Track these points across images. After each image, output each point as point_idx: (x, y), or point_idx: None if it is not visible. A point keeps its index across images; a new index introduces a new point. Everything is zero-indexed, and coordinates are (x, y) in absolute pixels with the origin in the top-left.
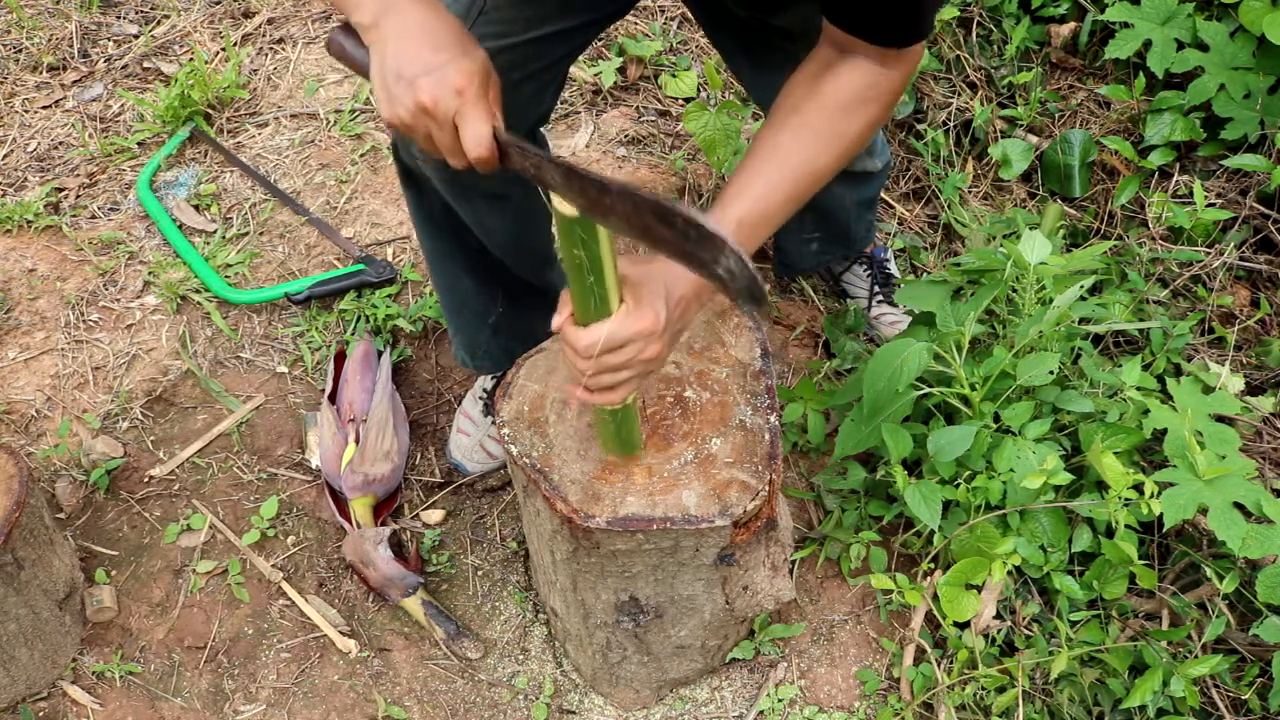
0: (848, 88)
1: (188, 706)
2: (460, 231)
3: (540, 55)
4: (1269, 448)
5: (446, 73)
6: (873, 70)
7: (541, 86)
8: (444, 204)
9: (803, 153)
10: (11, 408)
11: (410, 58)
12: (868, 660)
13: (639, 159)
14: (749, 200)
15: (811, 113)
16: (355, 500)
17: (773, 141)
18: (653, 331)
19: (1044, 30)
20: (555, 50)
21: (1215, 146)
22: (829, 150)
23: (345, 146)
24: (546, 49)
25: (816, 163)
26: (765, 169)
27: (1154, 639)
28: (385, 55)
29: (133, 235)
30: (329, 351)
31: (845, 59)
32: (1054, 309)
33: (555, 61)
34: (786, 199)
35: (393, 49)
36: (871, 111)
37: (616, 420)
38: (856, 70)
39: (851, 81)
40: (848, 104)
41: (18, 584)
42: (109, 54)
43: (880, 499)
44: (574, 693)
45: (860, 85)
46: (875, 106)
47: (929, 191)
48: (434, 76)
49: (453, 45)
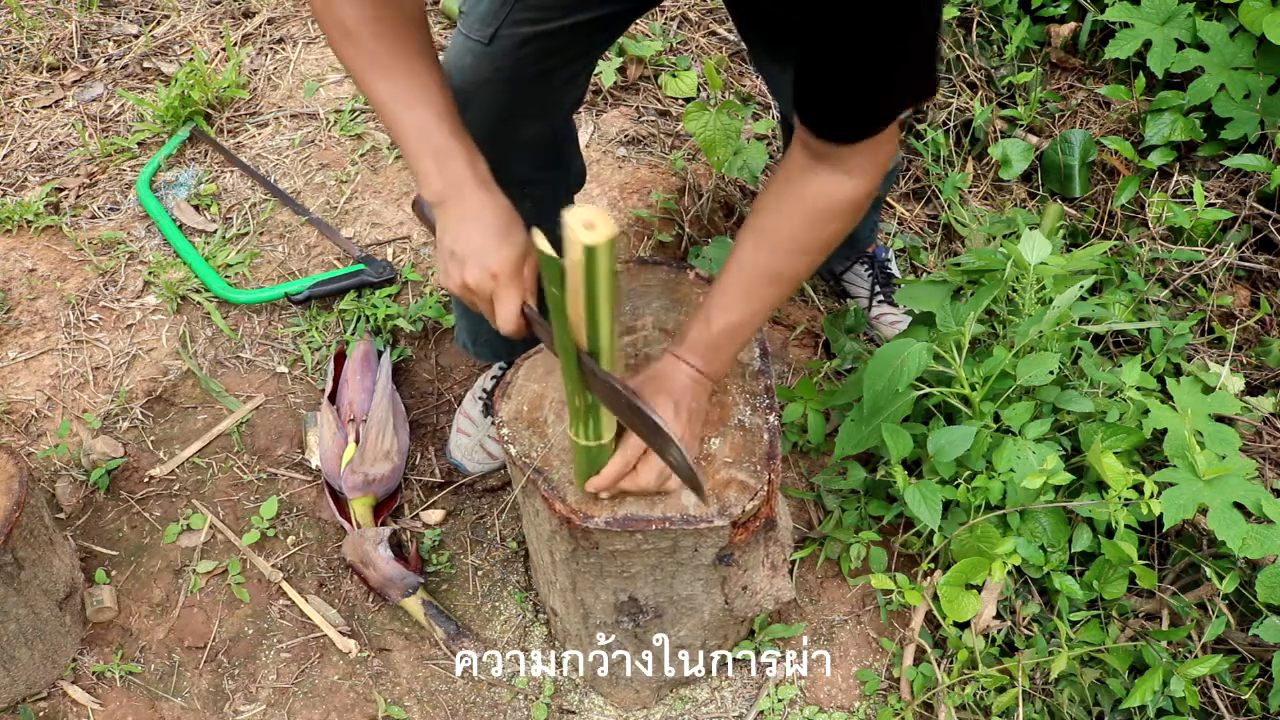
0: (817, 203)
1: (188, 706)
2: None
3: (575, 42)
4: (1269, 448)
5: (488, 259)
6: (842, 184)
7: (575, 73)
8: None
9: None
10: (11, 408)
11: (463, 240)
12: (868, 660)
13: (639, 159)
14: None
15: (783, 226)
16: (355, 500)
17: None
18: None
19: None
20: (590, 38)
21: (1215, 146)
22: (801, 260)
23: (345, 146)
24: (582, 36)
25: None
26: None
27: (1154, 639)
28: (445, 233)
29: (133, 235)
30: (329, 351)
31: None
32: (1054, 309)
33: (590, 49)
34: (763, 304)
35: (452, 229)
36: (844, 221)
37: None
38: (826, 184)
39: (820, 198)
40: (819, 217)
41: (18, 584)
42: (109, 54)
43: (880, 499)
44: (574, 693)
45: (829, 200)
46: (848, 215)
47: (929, 191)
48: (477, 260)
49: (499, 233)
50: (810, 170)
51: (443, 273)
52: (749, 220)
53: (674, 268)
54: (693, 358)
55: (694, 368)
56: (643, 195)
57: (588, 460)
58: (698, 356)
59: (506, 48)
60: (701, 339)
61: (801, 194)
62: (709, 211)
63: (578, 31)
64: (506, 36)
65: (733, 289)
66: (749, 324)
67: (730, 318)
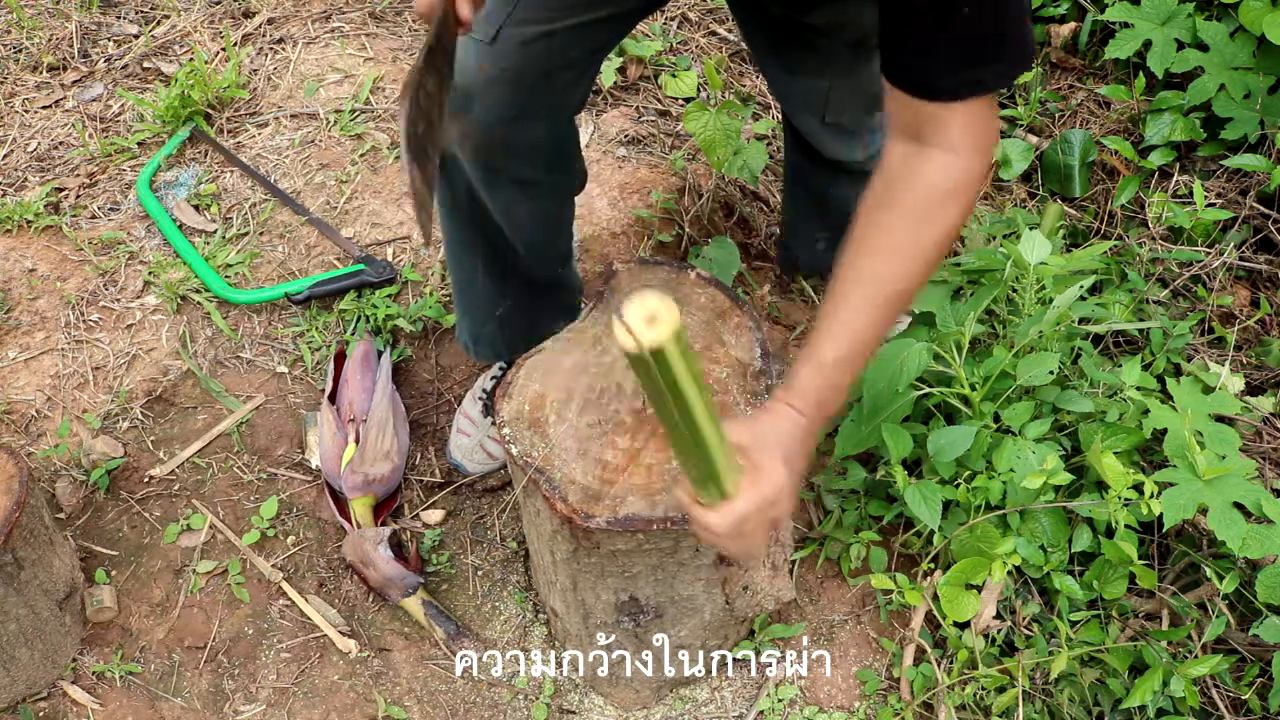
0: (925, 191)
1: (188, 706)
2: (483, 223)
3: (579, 43)
4: (1269, 448)
5: None
6: (947, 164)
7: (579, 74)
8: (470, 192)
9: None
10: (11, 408)
11: None
12: (868, 660)
13: (639, 159)
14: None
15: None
16: (355, 500)
17: (856, 267)
18: (779, 495)
19: (1044, 30)
20: (596, 38)
21: (1215, 146)
22: (911, 267)
23: (345, 146)
24: (586, 36)
25: (903, 283)
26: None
27: (1154, 639)
28: None
29: (133, 235)
30: (329, 351)
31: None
32: (1054, 309)
33: (595, 49)
34: (877, 324)
35: None
36: (952, 213)
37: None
38: (930, 169)
39: (927, 188)
40: (927, 209)
41: (18, 584)
42: (109, 54)
43: (880, 499)
44: (574, 693)
45: (938, 183)
46: (958, 204)
47: None
48: None
49: None
50: (912, 158)
51: None
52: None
53: (674, 268)
54: (804, 404)
55: (805, 415)
56: (643, 195)
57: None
58: (810, 403)
59: (510, 47)
60: (815, 381)
61: (907, 186)
62: (709, 211)
63: (582, 31)
64: (510, 36)
65: (846, 314)
66: (865, 350)
67: (844, 349)
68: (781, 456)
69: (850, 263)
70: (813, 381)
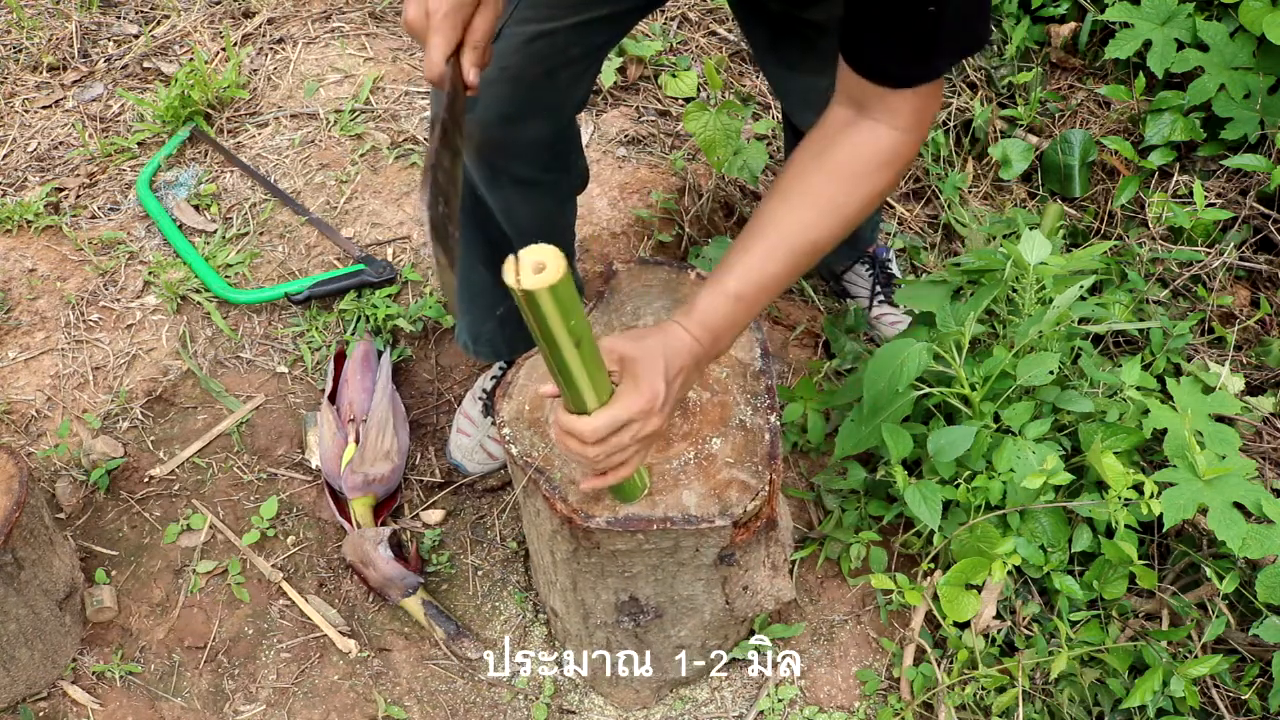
0: (857, 156)
1: (188, 706)
2: (484, 222)
3: (581, 41)
4: (1269, 448)
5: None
6: (885, 134)
7: (581, 72)
8: (471, 190)
9: (803, 225)
10: (11, 408)
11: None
12: (868, 660)
13: (639, 159)
14: (745, 272)
15: (816, 184)
16: (355, 500)
17: (774, 212)
18: (651, 409)
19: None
20: (597, 36)
21: (1215, 146)
22: (830, 223)
23: (345, 146)
24: (588, 35)
25: (816, 235)
26: (764, 241)
27: (1154, 639)
28: None
29: (133, 235)
30: (329, 351)
31: (858, 121)
32: (1054, 309)
33: (596, 48)
34: (784, 271)
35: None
36: (880, 180)
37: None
38: (868, 134)
39: (861, 149)
40: (859, 172)
41: (18, 584)
42: (109, 54)
43: (880, 499)
44: (574, 693)
45: (873, 150)
46: (885, 174)
47: (929, 191)
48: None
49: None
50: (851, 125)
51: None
52: (777, 184)
53: (674, 268)
54: (700, 330)
55: (697, 340)
56: (643, 195)
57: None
58: (706, 330)
59: (511, 46)
60: (714, 310)
61: (843, 147)
62: (709, 211)
63: (582, 30)
64: (511, 35)
65: (760, 255)
66: (768, 293)
67: (749, 288)
68: (663, 372)
69: (774, 208)
70: (713, 311)
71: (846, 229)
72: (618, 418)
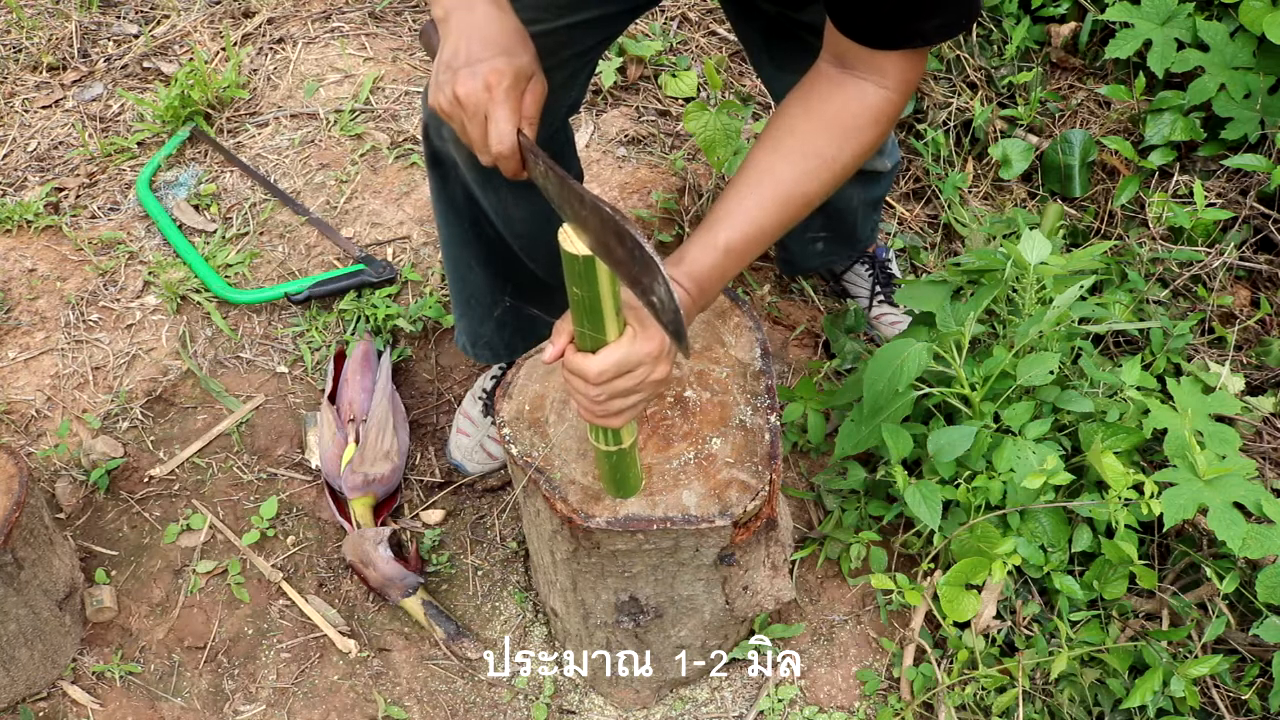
0: (846, 110)
1: (188, 706)
2: (479, 221)
3: (573, 42)
4: (1269, 448)
5: (482, 69)
6: (872, 91)
7: (572, 74)
8: (467, 192)
9: (795, 177)
10: (11, 408)
11: (461, 51)
12: (868, 660)
13: (639, 159)
14: (736, 223)
15: (807, 136)
16: (355, 500)
17: (765, 163)
18: (660, 353)
19: (1044, 30)
20: (589, 38)
21: (1215, 146)
22: (822, 175)
23: (345, 146)
24: (580, 36)
25: (809, 187)
26: (756, 192)
27: (1154, 639)
28: (445, 47)
29: (133, 235)
30: (329, 351)
31: (845, 78)
32: (1054, 309)
33: (588, 49)
34: (775, 223)
35: (451, 42)
36: (868, 136)
37: (611, 462)
38: (856, 91)
39: (850, 104)
40: (849, 126)
41: (18, 584)
42: (109, 54)
43: (880, 499)
44: (574, 693)
45: (862, 106)
46: (873, 131)
47: (929, 191)
48: (472, 70)
49: (501, 44)
50: (836, 81)
51: (432, 89)
52: (766, 136)
53: None
54: (688, 281)
55: (686, 292)
56: (643, 195)
57: (610, 467)
58: (694, 281)
59: None
60: (703, 261)
61: (833, 101)
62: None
63: (573, 32)
64: None
65: (750, 206)
66: (757, 246)
67: (739, 239)
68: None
69: (762, 159)
70: (703, 261)
71: (837, 183)
72: (628, 359)
